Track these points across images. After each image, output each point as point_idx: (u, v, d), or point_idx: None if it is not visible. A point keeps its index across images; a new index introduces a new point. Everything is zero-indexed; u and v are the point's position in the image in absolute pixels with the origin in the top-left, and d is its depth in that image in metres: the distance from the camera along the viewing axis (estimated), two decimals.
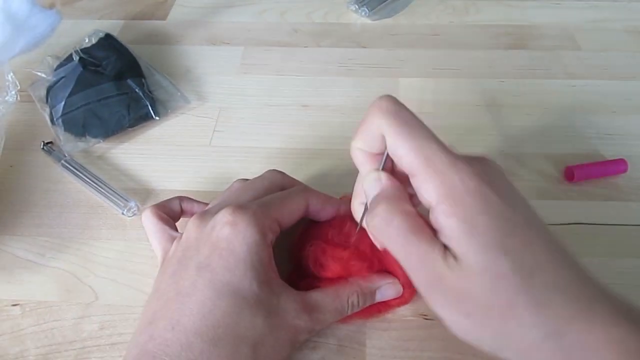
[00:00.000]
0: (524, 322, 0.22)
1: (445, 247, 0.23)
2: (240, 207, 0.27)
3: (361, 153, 0.26)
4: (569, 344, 0.21)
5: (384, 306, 0.31)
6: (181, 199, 0.34)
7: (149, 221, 0.31)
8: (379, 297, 0.30)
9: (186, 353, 0.24)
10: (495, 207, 0.22)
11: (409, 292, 0.31)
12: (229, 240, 0.26)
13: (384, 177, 0.25)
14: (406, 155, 0.23)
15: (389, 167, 0.26)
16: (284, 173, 0.33)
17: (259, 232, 0.27)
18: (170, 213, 0.33)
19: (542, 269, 0.22)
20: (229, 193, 0.32)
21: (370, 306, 0.30)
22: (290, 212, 0.29)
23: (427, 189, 0.23)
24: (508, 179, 0.25)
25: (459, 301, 0.23)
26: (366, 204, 0.27)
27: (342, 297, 0.29)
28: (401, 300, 0.31)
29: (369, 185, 0.26)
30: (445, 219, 0.22)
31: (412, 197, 0.25)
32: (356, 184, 0.28)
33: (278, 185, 0.32)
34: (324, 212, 0.31)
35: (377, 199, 0.25)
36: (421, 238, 0.23)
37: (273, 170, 0.33)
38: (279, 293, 0.27)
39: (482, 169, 0.23)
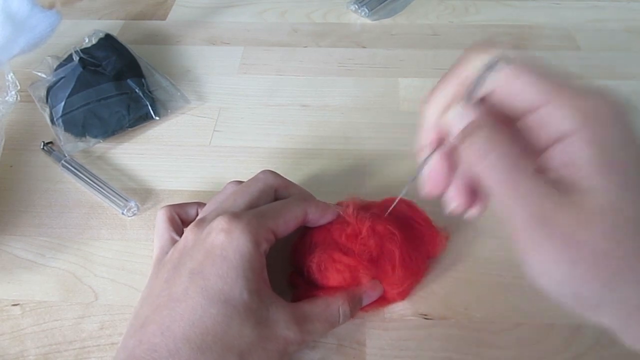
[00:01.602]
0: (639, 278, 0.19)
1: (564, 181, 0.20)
2: (235, 215, 0.27)
3: (438, 106, 0.23)
4: None
5: (382, 301, 0.31)
6: (199, 204, 0.34)
7: (158, 219, 0.32)
8: (366, 300, 0.30)
9: (174, 359, 0.24)
10: (635, 142, 0.19)
11: (408, 287, 0.31)
12: (222, 247, 0.26)
13: (477, 106, 0.22)
14: (530, 85, 0.20)
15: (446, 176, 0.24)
16: (277, 174, 0.33)
17: (253, 241, 0.26)
18: (184, 216, 0.33)
19: None
20: (224, 197, 0.32)
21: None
22: (286, 222, 0.29)
23: (560, 119, 0.20)
24: None
25: (567, 244, 0.19)
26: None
27: (332, 308, 0.28)
28: (399, 296, 0.31)
29: (458, 115, 0.22)
30: (581, 148, 0.19)
31: None
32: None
33: (272, 187, 0.32)
34: (323, 220, 0.31)
35: (474, 126, 0.22)
36: (531, 167, 0.20)
37: (267, 170, 0.33)
38: (269, 303, 0.27)
39: (619, 101, 0.20)
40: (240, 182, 0.33)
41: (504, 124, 0.21)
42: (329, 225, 0.31)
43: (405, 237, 0.31)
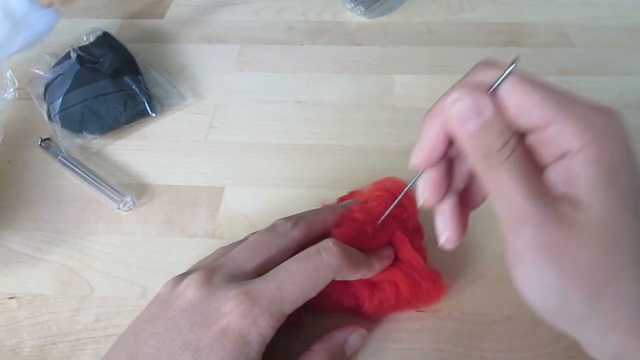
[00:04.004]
0: (625, 291, 0.20)
1: (560, 197, 0.21)
2: (251, 297, 0.25)
3: (444, 121, 0.22)
4: None
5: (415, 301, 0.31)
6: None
7: None
8: (349, 351, 0.29)
9: None
10: (635, 162, 0.20)
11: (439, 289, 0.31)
12: (226, 333, 0.25)
13: (489, 103, 0.21)
14: (540, 103, 0.20)
15: (440, 152, 0.23)
16: (304, 227, 0.30)
17: (262, 335, 0.25)
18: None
19: None
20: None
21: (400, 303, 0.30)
22: (306, 297, 0.26)
23: (568, 136, 0.20)
24: None
25: (554, 255, 0.20)
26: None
27: None
28: (433, 298, 0.31)
29: (466, 110, 0.21)
30: (585, 164, 0.20)
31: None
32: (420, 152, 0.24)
33: (296, 245, 0.29)
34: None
35: (486, 126, 0.21)
36: (536, 176, 0.21)
37: (291, 225, 0.30)
38: None
39: (622, 120, 0.20)
40: (298, 218, 0.30)
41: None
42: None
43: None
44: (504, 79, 0.21)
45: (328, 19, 0.55)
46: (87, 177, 0.39)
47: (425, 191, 0.24)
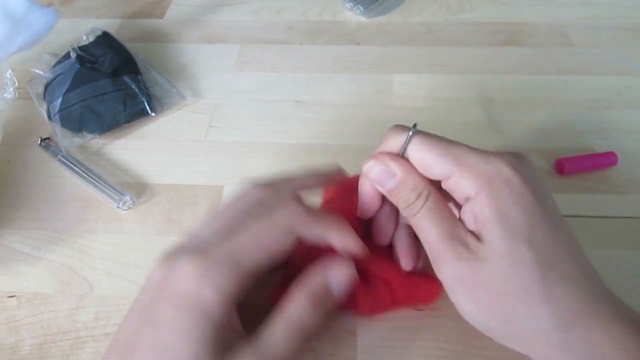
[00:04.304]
0: (535, 312, 0.23)
1: (471, 233, 0.25)
2: (202, 258, 0.24)
3: (369, 183, 0.28)
4: (575, 337, 0.22)
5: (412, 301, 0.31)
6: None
7: None
8: (337, 290, 0.27)
9: None
10: (526, 198, 0.24)
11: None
12: (186, 296, 0.24)
13: (398, 166, 0.27)
14: (437, 161, 0.25)
15: (377, 202, 0.29)
16: (300, 213, 0.27)
17: (220, 293, 0.24)
18: None
19: (561, 262, 0.23)
20: (242, 206, 0.28)
21: (395, 302, 0.30)
22: (271, 256, 0.26)
23: (465, 185, 0.24)
24: (538, 172, 0.26)
25: (473, 286, 0.24)
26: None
27: (291, 321, 0.25)
28: (431, 297, 0.31)
29: (387, 170, 0.27)
30: (481, 208, 0.24)
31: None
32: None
33: (292, 232, 0.27)
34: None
35: (400, 185, 0.26)
36: (450, 217, 0.25)
37: (289, 208, 0.27)
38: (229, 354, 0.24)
39: (514, 162, 0.25)
40: (268, 186, 0.29)
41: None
42: None
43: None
44: (408, 142, 0.26)
45: (328, 19, 0.55)
46: (87, 176, 0.39)
47: (376, 234, 0.30)
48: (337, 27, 0.54)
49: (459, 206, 0.26)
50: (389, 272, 0.30)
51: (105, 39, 0.48)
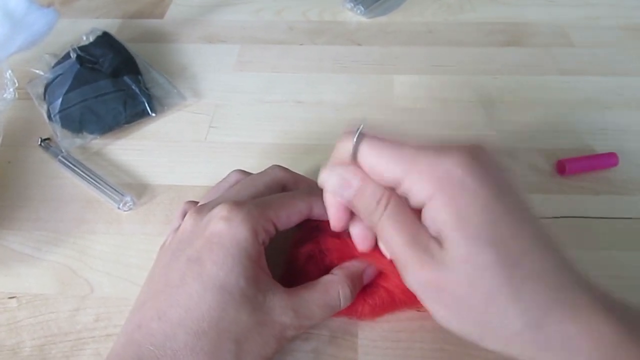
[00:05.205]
0: (504, 313, 0.22)
1: (434, 239, 0.23)
2: (236, 203, 0.27)
3: (330, 195, 0.27)
4: (548, 332, 0.22)
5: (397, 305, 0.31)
6: None
7: (177, 212, 0.32)
8: (366, 279, 0.30)
9: (170, 343, 0.24)
10: (483, 197, 0.22)
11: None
12: (221, 235, 0.26)
13: (354, 173, 0.25)
14: (387, 167, 0.24)
15: (346, 214, 0.27)
16: (286, 169, 0.33)
17: (251, 230, 0.26)
18: None
19: (526, 258, 0.22)
20: (227, 185, 0.32)
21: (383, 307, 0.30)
22: (289, 215, 0.29)
23: (418, 190, 0.23)
24: (497, 164, 0.24)
25: (440, 292, 0.23)
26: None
27: (332, 293, 0.28)
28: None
29: (346, 178, 0.26)
30: (437, 213, 0.23)
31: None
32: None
33: (279, 183, 0.32)
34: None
35: (359, 193, 0.25)
36: (412, 222, 0.24)
37: (276, 166, 0.33)
38: (266, 290, 0.27)
39: (468, 158, 0.23)
40: (245, 171, 0.34)
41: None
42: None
43: None
44: (356, 149, 0.25)
45: (328, 19, 0.55)
46: (87, 177, 0.39)
47: (358, 244, 0.29)
48: (338, 27, 0.54)
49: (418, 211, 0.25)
50: (389, 279, 0.30)
51: (105, 39, 0.48)
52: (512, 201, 0.23)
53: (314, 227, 0.31)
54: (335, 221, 0.28)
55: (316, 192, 0.31)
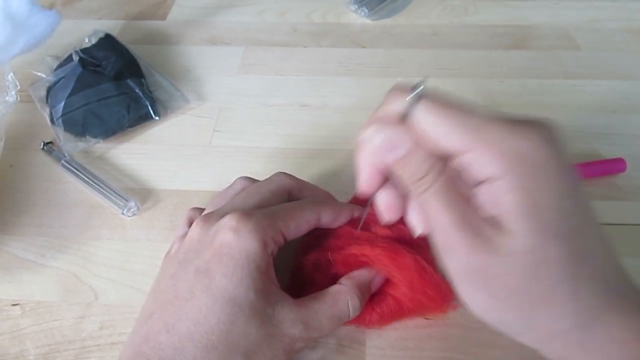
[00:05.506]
0: (556, 311, 0.21)
1: (488, 221, 0.21)
2: (245, 213, 0.27)
3: (369, 154, 0.24)
4: (596, 334, 0.21)
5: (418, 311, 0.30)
6: None
7: (181, 219, 0.32)
8: (374, 287, 0.30)
9: (179, 357, 0.24)
10: (560, 184, 0.20)
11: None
12: (230, 246, 0.26)
13: (403, 135, 0.22)
14: (453, 129, 0.20)
15: (379, 179, 0.24)
16: (291, 176, 0.32)
17: (260, 241, 0.26)
18: None
19: (590, 257, 0.21)
20: (233, 193, 0.32)
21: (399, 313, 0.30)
22: (298, 225, 0.29)
23: (485, 164, 0.20)
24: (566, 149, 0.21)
25: (488, 280, 0.21)
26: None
27: (341, 304, 0.28)
28: (440, 307, 0.30)
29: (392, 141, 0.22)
30: (503, 194, 0.20)
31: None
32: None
33: (285, 190, 0.31)
34: (337, 224, 0.31)
35: (407, 157, 0.22)
36: (462, 199, 0.21)
37: (281, 173, 0.32)
38: (275, 302, 0.26)
39: (547, 139, 0.20)
40: (250, 178, 0.33)
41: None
42: (337, 229, 0.31)
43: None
44: (412, 106, 0.21)
45: (332, 21, 0.55)
46: (91, 181, 0.38)
47: (383, 213, 0.26)
48: (342, 30, 0.53)
49: (468, 188, 0.22)
50: (397, 288, 0.29)
51: (107, 41, 0.48)
52: (582, 195, 0.21)
53: (320, 235, 0.31)
54: (365, 185, 0.25)
55: (323, 200, 0.31)
